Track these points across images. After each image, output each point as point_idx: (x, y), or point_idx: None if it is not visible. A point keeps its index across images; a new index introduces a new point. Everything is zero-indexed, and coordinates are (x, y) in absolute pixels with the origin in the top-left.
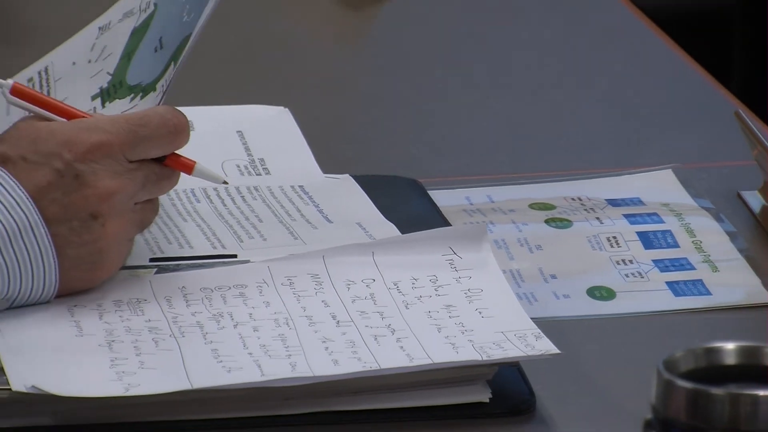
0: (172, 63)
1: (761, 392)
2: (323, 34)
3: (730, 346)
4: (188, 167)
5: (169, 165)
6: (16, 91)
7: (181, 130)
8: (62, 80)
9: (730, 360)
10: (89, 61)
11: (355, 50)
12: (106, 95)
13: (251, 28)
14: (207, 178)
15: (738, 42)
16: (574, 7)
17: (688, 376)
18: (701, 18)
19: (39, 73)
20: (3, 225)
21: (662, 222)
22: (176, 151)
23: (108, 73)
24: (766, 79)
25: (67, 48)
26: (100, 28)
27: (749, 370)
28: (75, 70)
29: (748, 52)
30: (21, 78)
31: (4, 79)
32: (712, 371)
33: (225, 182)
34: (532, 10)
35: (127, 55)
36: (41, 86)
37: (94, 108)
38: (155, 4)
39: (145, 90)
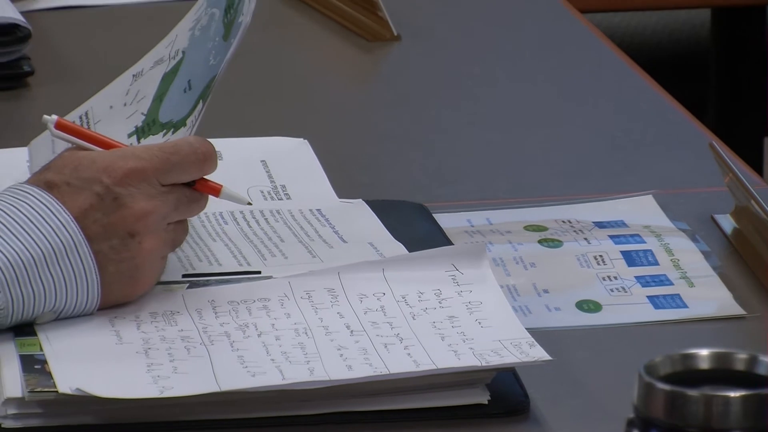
0: (201, 101)
1: (732, 393)
2: (339, 72)
3: (704, 352)
4: (216, 190)
5: (199, 189)
6: (60, 126)
7: (209, 157)
8: (101, 122)
9: (704, 365)
10: (125, 104)
11: (368, 87)
12: (141, 132)
13: (273, 67)
14: (233, 200)
15: (712, 81)
16: (564, 50)
17: (667, 379)
18: (679, 60)
19: (80, 116)
20: (50, 244)
21: (644, 242)
22: (205, 177)
23: (142, 113)
24: (737, 114)
25: (105, 94)
26: (134, 76)
27: (721, 374)
28: (112, 113)
29: (720, 90)
30: (68, 119)
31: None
32: (688, 375)
33: (249, 203)
34: (526, 52)
35: (159, 97)
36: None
37: (131, 144)
38: (183, 52)
39: (176, 126)
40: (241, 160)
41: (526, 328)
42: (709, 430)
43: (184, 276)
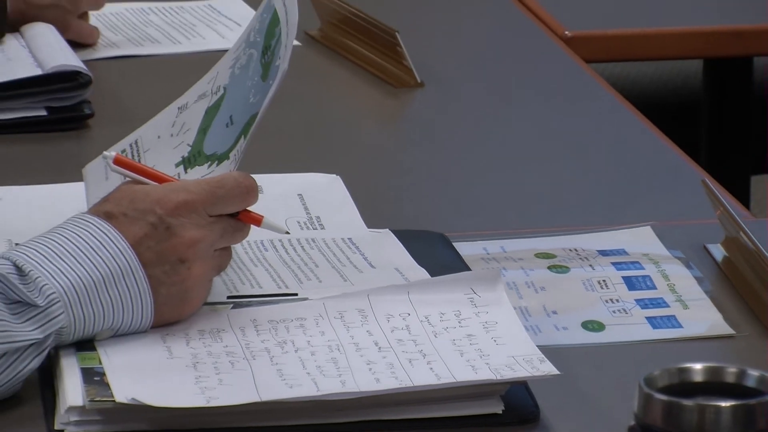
0: (243, 136)
1: (723, 403)
2: (368, 115)
3: (697, 366)
4: (257, 221)
5: (242, 219)
6: (118, 161)
7: (252, 191)
8: (150, 151)
9: (698, 378)
10: (171, 135)
11: (394, 128)
12: (187, 163)
13: (309, 109)
14: (273, 229)
15: (704, 124)
16: (571, 95)
17: (664, 390)
18: (675, 105)
19: (131, 145)
20: (109, 269)
21: (643, 269)
22: (247, 208)
23: (188, 144)
24: (727, 154)
25: (152, 125)
26: (179, 108)
27: (713, 386)
28: (160, 143)
29: (711, 132)
30: (116, 148)
31: (107, 150)
32: (683, 387)
33: (287, 232)
34: (537, 97)
35: (203, 130)
36: (133, 155)
37: (179, 173)
38: (224, 88)
39: (220, 158)
40: (280, 194)
41: (537, 346)
42: None
43: (228, 297)
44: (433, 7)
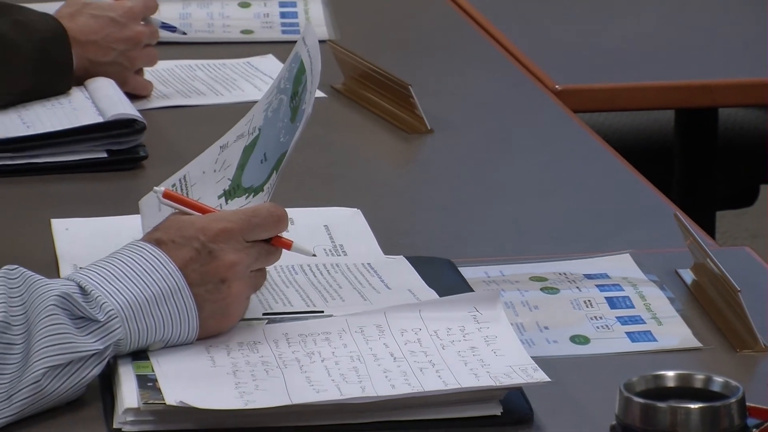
0: (275, 171)
1: (692, 406)
2: (384, 157)
3: (670, 374)
4: (288, 245)
5: (275, 244)
6: (167, 195)
7: (282, 219)
8: (196, 185)
9: (671, 384)
10: (214, 171)
11: (406, 169)
12: (228, 195)
13: (332, 152)
14: (301, 252)
15: (676, 165)
16: (560, 141)
17: (641, 394)
18: (650, 148)
19: (180, 180)
20: (160, 289)
21: (623, 290)
22: (279, 234)
23: (228, 178)
24: (695, 192)
25: (198, 162)
26: (221, 147)
27: (684, 391)
28: (204, 177)
29: (682, 172)
30: (167, 183)
31: (158, 186)
32: (658, 391)
33: (314, 255)
34: (532, 142)
35: (241, 166)
36: (182, 189)
37: (220, 204)
38: (259, 129)
39: (255, 191)
40: (308, 225)
41: (531, 357)
42: None
43: (264, 314)
44: (440, 64)
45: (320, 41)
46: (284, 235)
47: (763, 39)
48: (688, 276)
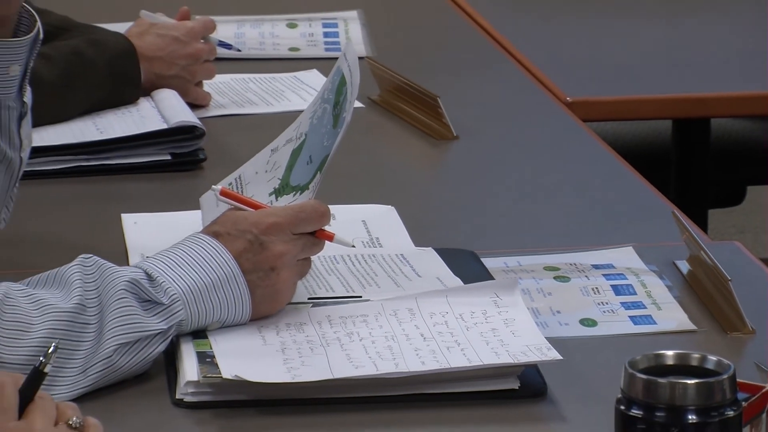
0: (318, 172)
1: (689, 381)
2: (414, 161)
3: (669, 353)
4: (330, 237)
5: (318, 236)
6: (223, 193)
7: (325, 214)
8: (250, 184)
9: (670, 362)
10: (266, 171)
11: (434, 171)
12: (278, 192)
13: (369, 156)
14: (342, 243)
15: (673, 168)
16: (572, 147)
17: (644, 371)
18: (650, 153)
19: (235, 179)
20: (217, 275)
21: (626, 279)
22: (322, 228)
23: (278, 178)
24: (690, 191)
25: (252, 163)
26: (272, 150)
27: (681, 368)
28: (257, 177)
29: (678, 174)
30: (223, 183)
31: (215, 184)
32: (658, 368)
33: (353, 246)
34: (546, 147)
35: (290, 167)
36: (237, 188)
37: (271, 201)
38: (305, 134)
39: (302, 189)
40: (348, 220)
41: (545, 337)
42: (672, 406)
43: (309, 299)
44: (465, 78)
45: (359, 58)
46: (327, 228)
47: (751, 56)
48: (684, 266)
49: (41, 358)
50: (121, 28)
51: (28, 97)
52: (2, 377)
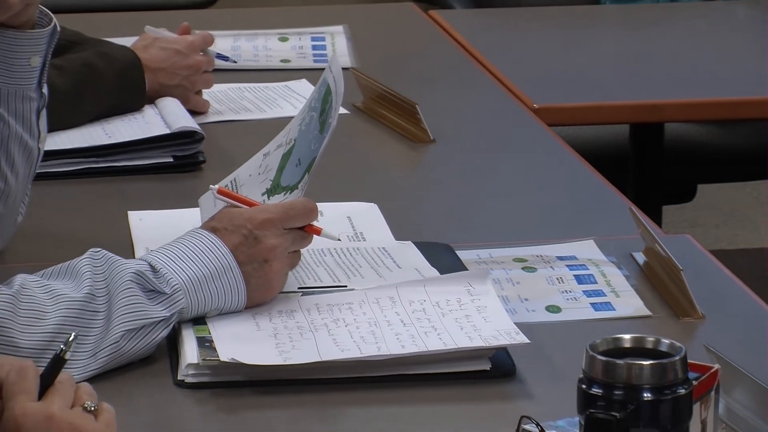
0: (307, 173)
1: (644, 362)
2: (394, 162)
3: (626, 337)
4: (318, 231)
5: (307, 231)
6: (220, 192)
7: (313, 211)
8: (244, 186)
9: (627, 345)
10: (258, 174)
11: (413, 172)
12: (269, 192)
13: (353, 157)
14: (329, 237)
15: (630, 168)
16: (537, 149)
17: (603, 353)
18: (609, 155)
19: (231, 181)
20: (215, 267)
21: (588, 269)
22: (311, 223)
23: (270, 180)
24: (645, 189)
25: (246, 167)
26: (264, 155)
27: (637, 351)
28: (251, 179)
29: (635, 174)
30: (221, 184)
31: (213, 184)
32: (617, 351)
33: (339, 239)
34: (515, 150)
35: (280, 169)
36: (233, 188)
37: (264, 200)
38: (294, 140)
39: (291, 189)
40: (334, 216)
41: (514, 323)
42: (629, 385)
43: (299, 288)
44: (441, 87)
45: (344, 68)
46: (315, 223)
47: (701, 66)
48: (640, 258)
49: (62, 346)
50: (127, 42)
51: (46, 90)
52: (26, 362)
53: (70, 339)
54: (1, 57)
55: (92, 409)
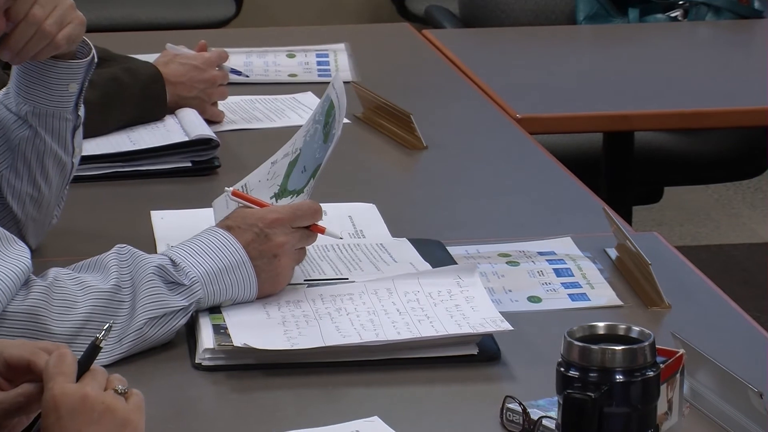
0: (312, 178)
1: (617, 347)
2: (390, 167)
3: (600, 324)
4: (322, 230)
5: (312, 229)
6: (234, 194)
7: (318, 212)
8: (254, 190)
9: (601, 332)
10: (267, 180)
11: (407, 176)
12: (277, 196)
13: (356, 163)
14: (332, 236)
15: (603, 172)
16: (519, 155)
17: (580, 339)
18: (584, 160)
19: (242, 186)
20: (229, 262)
21: (565, 264)
22: (316, 222)
23: (277, 185)
24: (617, 191)
25: (255, 173)
26: (272, 163)
27: (610, 337)
28: (260, 185)
29: (608, 177)
30: (234, 187)
31: (228, 187)
32: (592, 337)
33: (341, 237)
34: (500, 155)
35: (287, 175)
36: (244, 192)
37: (272, 202)
38: (300, 149)
39: (298, 192)
40: (337, 216)
41: (499, 311)
42: (603, 368)
43: (304, 280)
44: (433, 98)
45: (345, 82)
46: (320, 223)
47: (668, 80)
48: (612, 253)
49: (98, 335)
50: (150, 58)
51: (82, 111)
52: (63, 347)
53: (105, 328)
54: (43, 82)
55: (123, 391)
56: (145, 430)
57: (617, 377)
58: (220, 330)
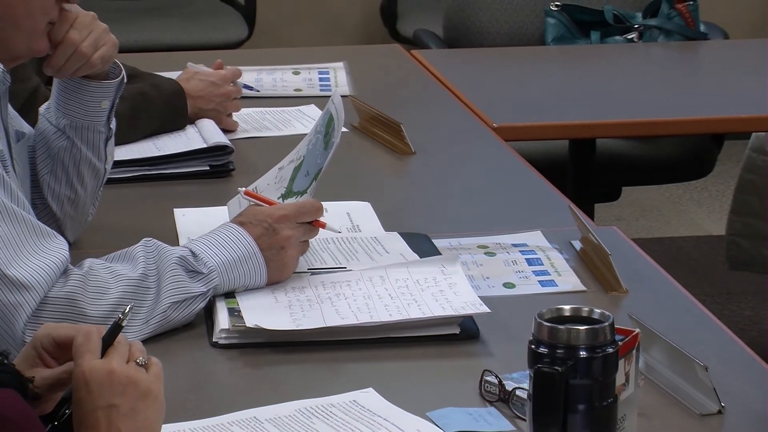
0: (314, 181)
1: (581, 327)
2: (382, 170)
3: (567, 307)
4: (323, 225)
5: (315, 225)
6: (246, 193)
7: (320, 209)
8: (263, 192)
9: (567, 314)
10: (275, 183)
11: (397, 178)
12: (284, 197)
13: (353, 167)
14: (332, 230)
15: (569, 175)
16: (495, 159)
17: (548, 320)
18: (552, 165)
19: (253, 188)
20: (242, 253)
21: (536, 254)
22: (318, 218)
23: (284, 187)
24: (581, 192)
25: (264, 178)
26: (279, 168)
27: (575, 318)
28: (268, 187)
29: (573, 179)
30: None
31: (241, 187)
32: (559, 318)
33: (339, 232)
34: (480, 160)
35: (292, 179)
36: None
37: (280, 201)
38: (303, 156)
39: (302, 193)
40: (336, 213)
41: (478, 296)
42: (569, 345)
43: (308, 269)
44: (420, 109)
45: (343, 96)
46: (321, 219)
47: (626, 93)
48: (577, 245)
49: (120, 315)
50: (173, 75)
51: (113, 124)
52: (91, 327)
53: (126, 310)
54: (79, 99)
55: (143, 363)
56: (167, 400)
57: (581, 353)
58: (234, 313)
